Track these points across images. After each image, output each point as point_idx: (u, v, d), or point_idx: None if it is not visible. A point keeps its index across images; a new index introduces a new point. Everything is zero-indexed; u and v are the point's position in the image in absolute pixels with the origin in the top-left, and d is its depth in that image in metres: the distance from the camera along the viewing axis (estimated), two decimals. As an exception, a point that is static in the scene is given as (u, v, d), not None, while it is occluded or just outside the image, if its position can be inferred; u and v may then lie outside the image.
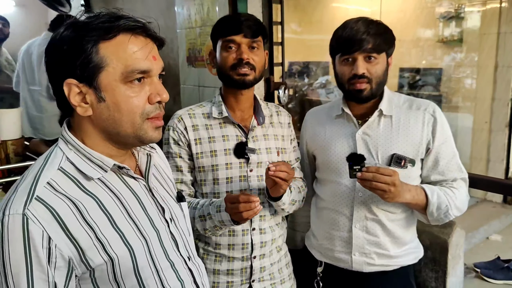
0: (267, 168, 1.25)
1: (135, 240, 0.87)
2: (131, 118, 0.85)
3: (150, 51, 0.86)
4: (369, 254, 1.42)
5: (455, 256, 1.65)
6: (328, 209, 1.48)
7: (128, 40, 0.83)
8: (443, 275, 1.65)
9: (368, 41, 1.30)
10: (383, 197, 1.27)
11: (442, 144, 1.38)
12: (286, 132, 1.55)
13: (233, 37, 1.37)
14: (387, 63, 1.38)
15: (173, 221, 0.99)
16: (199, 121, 1.44)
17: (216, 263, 1.44)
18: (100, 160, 0.86)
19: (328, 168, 1.47)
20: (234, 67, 1.38)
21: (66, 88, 0.82)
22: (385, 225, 1.40)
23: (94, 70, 0.81)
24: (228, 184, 1.43)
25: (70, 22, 0.83)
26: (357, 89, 1.35)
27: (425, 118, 1.38)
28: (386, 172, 1.24)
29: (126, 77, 0.83)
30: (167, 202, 1.00)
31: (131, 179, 0.93)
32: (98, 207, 0.84)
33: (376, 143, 1.39)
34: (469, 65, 4.71)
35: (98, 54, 0.81)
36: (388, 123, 1.40)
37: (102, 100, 0.83)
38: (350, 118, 1.44)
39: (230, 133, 1.43)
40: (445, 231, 1.64)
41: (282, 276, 1.54)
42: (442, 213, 1.34)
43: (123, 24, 0.82)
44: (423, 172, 1.41)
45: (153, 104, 0.87)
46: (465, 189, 1.41)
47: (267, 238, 1.47)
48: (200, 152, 1.41)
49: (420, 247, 1.51)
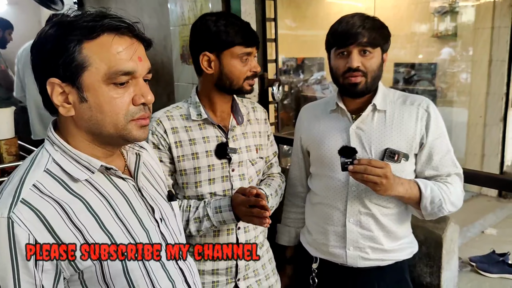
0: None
1: (124, 241, 0.86)
2: (113, 119, 0.84)
3: (135, 52, 0.84)
4: (364, 248, 1.42)
5: (449, 251, 1.65)
6: (322, 204, 1.48)
7: (112, 40, 0.81)
8: (437, 270, 1.65)
9: (363, 35, 1.30)
10: (375, 189, 1.27)
11: (436, 139, 1.38)
12: (263, 128, 1.56)
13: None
14: (382, 59, 1.37)
15: (164, 221, 0.98)
16: (178, 123, 1.40)
17: (201, 264, 1.44)
18: (87, 161, 0.85)
19: (322, 162, 1.46)
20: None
21: (49, 87, 0.81)
22: (379, 219, 1.40)
23: (76, 69, 0.80)
24: (211, 186, 1.42)
25: (56, 20, 0.82)
26: (351, 83, 1.34)
27: (418, 113, 1.38)
28: (378, 164, 1.24)
29: (109, 78, 0.81)
30: (157, 202, 0.99)
31: (119, 179, 0.91)
32: (85, 208, 0.82)
33: (369, 137, 1.39)
34: (464, 60, 4.72)
35: (81, 53, 0.79)
36: (382, 118, 1.40)
37: (84, 100, 0.82)
38: (344, 112, 1.44)
39: (210, 134, 1.42)
40: (439, 226, 1.64)
41: (266, 272, 1.55)
42: (436, 207, 1.34)
43: (107, 24, 0.81)
44: (417, 167, 1.41)
45: (137, 105, 0.85)
46: (460, 184, 1.41)
47: (251, 235, 1.49)
48: (181, 155, 1.39)
49: (415, 242, 1.52)
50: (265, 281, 1.54)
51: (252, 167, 1.50)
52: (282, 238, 1.69)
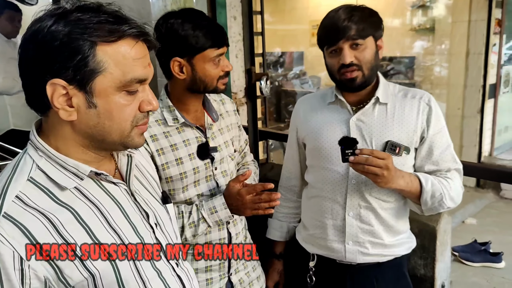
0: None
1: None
2: (121, 126, 0.79)
3: (148, 59, 0.81)
4: (363, 243, 1.40)
5: (443, 243, 1.67)
6: (320, 197, 1.45)
7: (133, 47, 0.76)
8: (432, 261, 1.66)
9: (350, 28, 1.27)
10: (375, 181, 1.25)
11: (437, 133, 1.37)
12: (234, 119, 1.54)
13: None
14: (376, 46, 1.35)
15: (159, 226, 0.93)
16: (156, 130, 1.33)
17: (193, 262, 1.41)
18: (75, 167, 0.78)
19: (320, 154, 1.44)
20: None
21: (50, 88, 0.73)
22: (379, 213, 1.39)
23: (89, 74, 0.73)
24: (197, 188, 1.39)
25: (57, 13, 0.73)
26: (348, 78, 1.32)
27: (420, 106, 1.37)
28: (380, 155, 1.21)
29: (124, 85, 0.76)
30: (151, 206, 0.93)
31: (110, 184, 0.85)
32: (74, 219, 0.76)
33: (370, 130, 1.37)
34: (441, 53, 4.80)
35: (95, 57, 0.73)
36: (383, 111, 1.38)
37: (93, 106, 0.75)
38: (344, 104, 1.41)
39: (190, 136, 1.37)
40: (433, 218, 1.65)
41: (252, 263, 1.55)
42: (437, 201, 1.33)
43: (128, 30, 0.75)
44: (417, 161, 1.40)
45: (144, 112, 0.82)
46: (460, 180, 1.40)
47: (239, 228, 1.48)
48: (165, 163, 1.33)
49: (413, 237, 1.50)
50: (252, 273, 1.54)
51: (232, 162, 1.48)
52: (273, 232, 1.66)
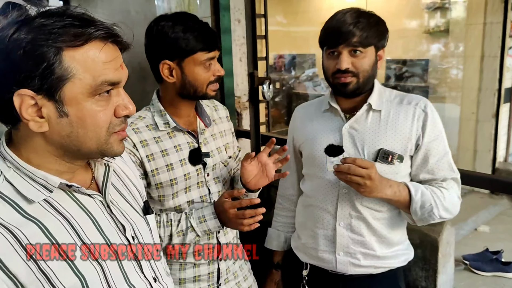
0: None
1: (87, 267, 0.76)
2: (97, 134, 0.75)
3: (120, 61, 0.77)
4: (354, 254, 1.36)
5: (445, 254, 1.61)
6: (313, 206, 1.42)
7: (101, 50, 0.72)
8: (433, 273, 1.61)
9: (353, 34, 1.24)
10: (358, 190, 1.22)
11: (433, 141, 1.32)
12: (227, 126, 1.53)
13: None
14: (375, 57, 1.31)
15: (136, 238, 0.89)
16: (146, 135, 1.31)
17: (181, 272, 1.39)
18: (44, 179, 0.75)
19: (313, 162, 1.41)
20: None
21: (17, 99, 0.69)
22: (371, 223, 1.35)
23: (57, 81, 0.70)
24: (187, 194, 1.37)
25: (19, 21, 0.69)
26: (341, 83, 1.29)
27: (415, 113, 1.32)
28: (363, 164, 1.18)
29: (95, 90, 0.73)
30: (129, 218, 0.89)
31: (84, 196, 0.81)
32: (41, 232, 0.72)
33: (363, 137, 1.33)
34: (456, 56, 4.70)
35: (62, 63, 0.69)
36: (377, 118, 1.34)
37: (64, 115, 0.72)
38: (337, 112, 1.38)
39: (181, 141, 1.35)
40: (435, 229, 1.60)
41: (243, 273, 1.53)
42: (426, 212, 1.28)
43: (95, 33, 0.71)
44: (412, 170, 1.36)
45: (120, 117, 0.78)
46: (456, 190, 1.35)
47: (230, 237, 1.46)
48: (155, 169, 1.30)
49: (411, 249, 1.46)
50: (244, 283, 1.52)
51: (225, 168, 1.46)
52: (271, 242, 1.63)
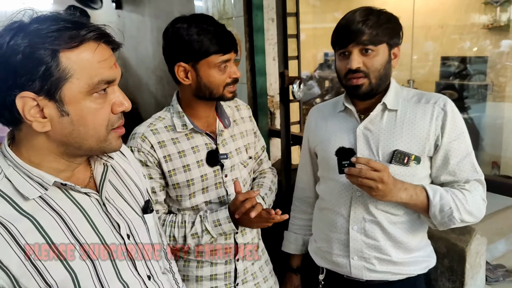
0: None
1: (78, 263, 0.80)
2: (97, 131, 0.80)
3: (113, 59, 0.81)
4: (369, 259, 1.31)
5: (474, 265, 1.51)
6: (327, 209, 1.39)
7: (95, 50, 0.77)
8: (460, 285, 1.51)
9: (363, 32, 1.19)
10: (371, 194, 1.18)
11: (454, 140, 1.24)
12: (249, 126, 1.51)
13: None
14: (389, 55, 1.26)
15: (132, 237, 0.92)
16: (164, 136, 1.32)
17: (198, 270, 1.40)
18: (40, 177, 0.79)
19: (328, 165, 1.37)
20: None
21: (19, 102, 0.73)
22: (385, 228, 1.29)
23: (56, 82, 0.74)
24: (205, 194, 1.37)
25: (14, 27, 0.73)
26: (354, 85, 1.24)
27: (434, 111, 1.25)
28: (375, 166, 1.13)
29: (92, 88, 0.77)
30: (125, 216, 0.92)
31: (79, 194, 0.85)
32: (34, 228, 0.76)
33: (377, 138, 1.28)
34: (517, 53, 4.38)
35: (60, 65, 0.74)
36: (392, 118, 1.28)
37: (65, 114, 0.76)
38: (352, 113, 1.34)
39: (199, 142, 1.35)
40: (463, 238, 1.49)
41: (264, 274, 1.51)
42: (446, 216, 1.20)
43: (88, 34, 0.76)
44: (432, 171, 1.28)
45: (116, 114, 0.82)
46: (481, 192, 1.26)
47: (248, 238, 1.45)
48: (172, 169, 1.32)
49: (433, 255, 1.38)
50: (263, 284, 1.50)
51: (245, 169, 1.45)
52: (288, 245, 1.61)
